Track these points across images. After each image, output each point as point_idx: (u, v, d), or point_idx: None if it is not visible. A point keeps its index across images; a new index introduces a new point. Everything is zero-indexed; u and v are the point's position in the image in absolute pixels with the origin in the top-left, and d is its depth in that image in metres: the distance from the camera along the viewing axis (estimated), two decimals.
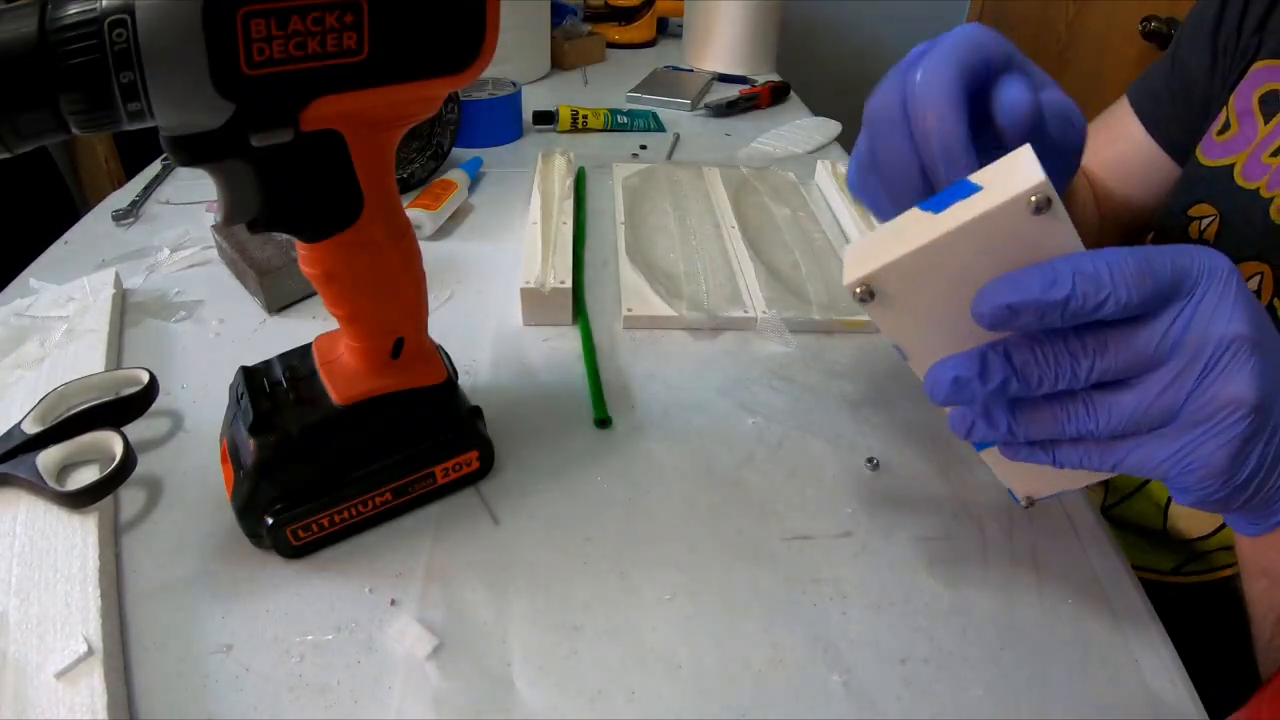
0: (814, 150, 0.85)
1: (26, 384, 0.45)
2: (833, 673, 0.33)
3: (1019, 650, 0.34)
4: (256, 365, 0.38)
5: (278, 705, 0.31)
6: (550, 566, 0.37)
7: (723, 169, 0.75)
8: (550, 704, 0.31)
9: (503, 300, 0.56)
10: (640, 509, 0.40)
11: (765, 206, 0.68)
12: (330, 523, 0.36)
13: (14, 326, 0.50)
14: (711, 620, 0.34)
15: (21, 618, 0.31)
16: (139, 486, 0.40)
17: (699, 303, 0.54)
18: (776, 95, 1.01)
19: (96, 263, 0.60)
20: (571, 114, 0.87)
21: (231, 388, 0.38)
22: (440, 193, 0.67)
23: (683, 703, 0.31)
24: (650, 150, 0.84)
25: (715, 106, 0.96)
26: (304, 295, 0.56)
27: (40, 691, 0.29)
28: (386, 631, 0.33)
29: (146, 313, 0.54)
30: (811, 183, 0.76)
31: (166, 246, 0.61)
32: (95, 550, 0.34)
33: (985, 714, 0.31)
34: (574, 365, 0.50)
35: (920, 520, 0.40)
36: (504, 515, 0.39)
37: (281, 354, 0.39)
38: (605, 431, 0.45)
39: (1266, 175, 0.43)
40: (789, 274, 0.58)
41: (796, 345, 0.52)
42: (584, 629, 0.34)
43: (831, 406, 0.47)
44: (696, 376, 0.49)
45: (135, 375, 0.43)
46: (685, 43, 1.18)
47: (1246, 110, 0.46)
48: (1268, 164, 0.44)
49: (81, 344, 0.48)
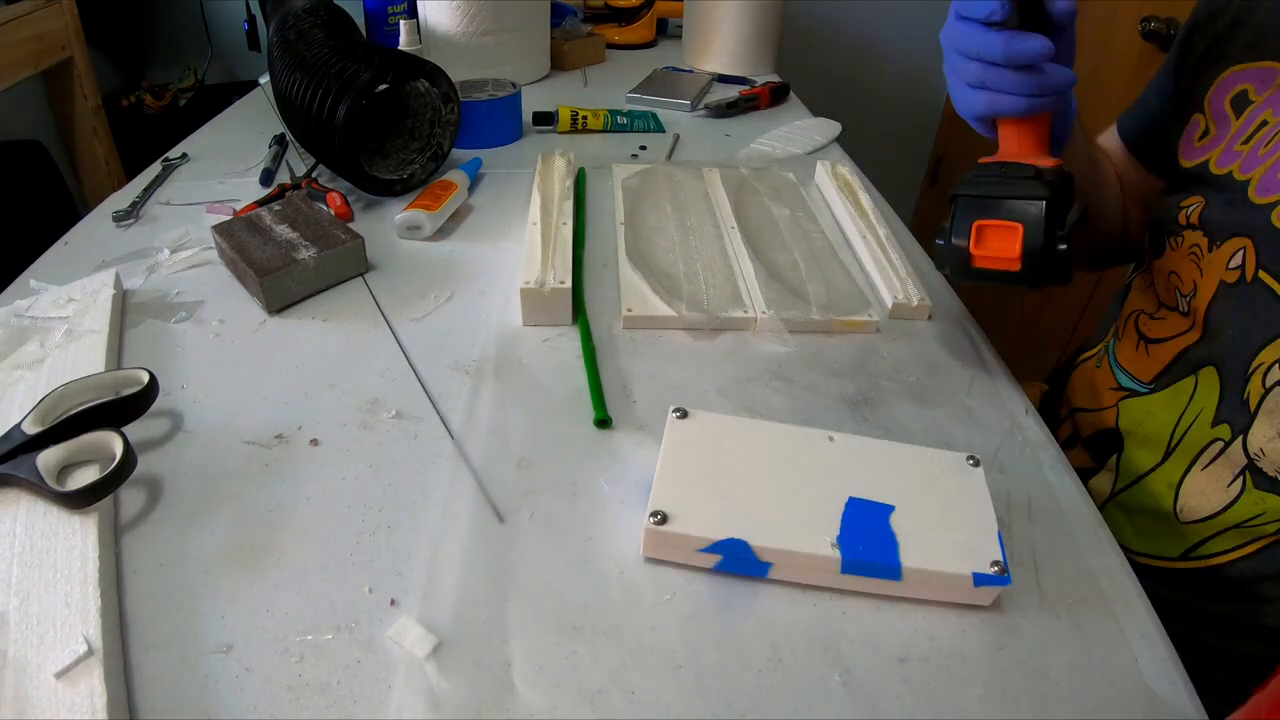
0: (814, 151, 0.85)
1: (26, 384, 0.45)
2: (833, 673, 0.33)
3: (1019, 650, 0.34)
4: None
5: (278, 705, 0.31)
6: (550, 566, 0.37)
7: (722, 170, 0.75)
8: (550, 704, 0.31)
9: (503, 300, 0.56)
10: (640, 508, 0.40)
11: (765, 207, 0.68)
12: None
13: (14, 327, 0.50)
14: (711, 620, 0.35)
15: (21, 618, 0.31)
16: (139, 486, 0.40)
17: (699, 303, 0.54)
18: (776, 96, 1.01)
19: (96, 263, 0.60)
20: (571, 115, 0.88)
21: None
22: (440, 193, 0.67)
23: (683, 703, 0.31)
24: (650, 151, 0.84)
25: (715, 107, 0.96)
26: (304, 295, 0.56)
27: (40, 691, 0.29)
28: (386, 631, 0.33)
29: (146, 313, 0.54)
30: (811, 183, 0.76)
31: (166, 247, 0.61)
32: (95, 550, 0.34)
33: (985, 714, 0.31)
34: (574, 365, 0.50)
35: None
36: (504, 515, 0.39)
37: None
38: (605, 432, 0.45)
39: (1239, 160, 0.47)
40: (788, 274, 0.58)
41: (796, 345, 0.52)
42: (584, 629, 0.34)
43: (831, 406, 0.47)
44: (696, 376, 0.49)
45: (135, 375, 0.43)
46: (685, 43, 1.18)
47: (1220, 113, 0.49)
48: (1239, 150, 0.47)
49: (81, 344, 0.48)
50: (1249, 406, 0.44)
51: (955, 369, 0.52)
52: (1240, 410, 0.45)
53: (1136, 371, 0.54)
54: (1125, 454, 0.54)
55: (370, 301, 0.56)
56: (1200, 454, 0.48)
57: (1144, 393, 0.53)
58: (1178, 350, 0.50)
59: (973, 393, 0.49)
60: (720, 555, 0.36)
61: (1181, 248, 0.50)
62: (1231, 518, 0.46)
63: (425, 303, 0.56)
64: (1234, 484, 0.46)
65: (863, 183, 0.73)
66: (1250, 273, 0.44)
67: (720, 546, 0.35)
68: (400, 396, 0.47)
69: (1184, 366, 0.49)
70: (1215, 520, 0.47)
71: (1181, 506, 0.48)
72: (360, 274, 0.59)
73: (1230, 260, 0.46)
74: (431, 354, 0.51)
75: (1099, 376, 0.59)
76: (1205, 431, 0.47)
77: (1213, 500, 0.47)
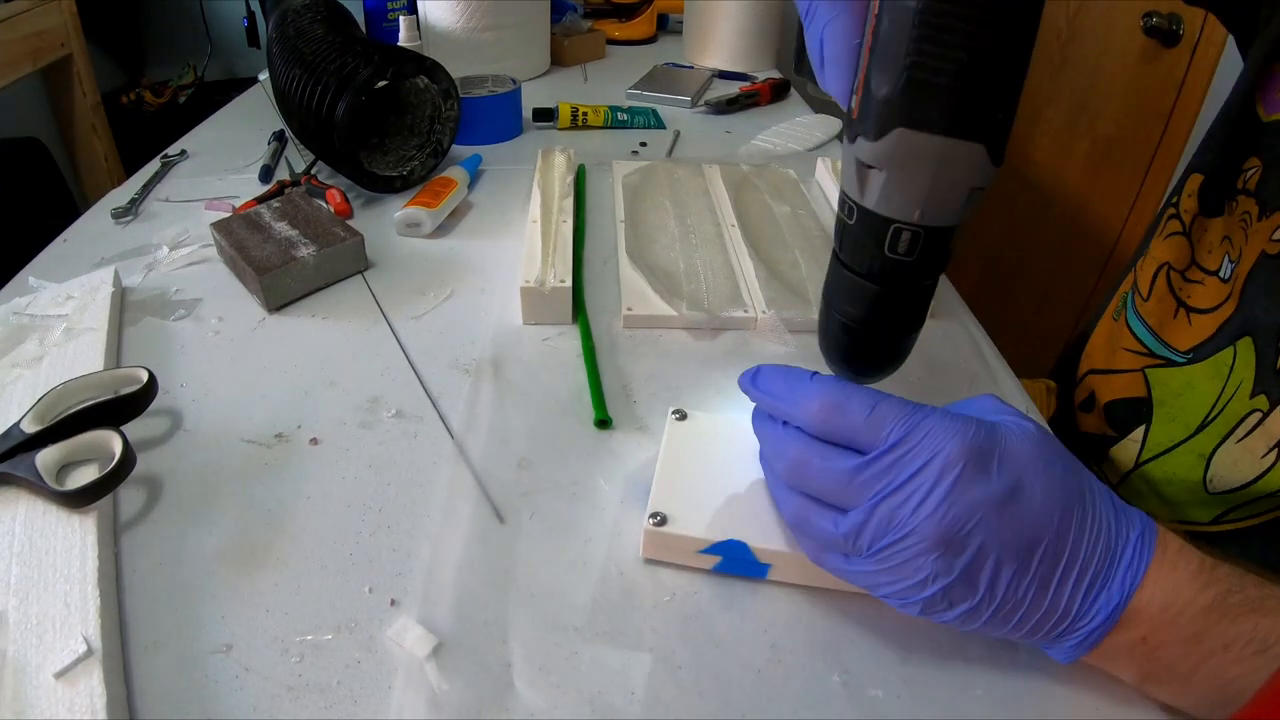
0: (814, 148, 0.85)
1: (25, 383, 0.45)
2: (833, 673, 0.33)
3: (1019, 650, 0.34)
4: None
5: (278, 705, 0.30)
6: (550, 566, 0.37)
7: (723, 166, 0.75)
8: (550, 704, 0.31)
9: (502, 299, 0.56)
10: (640, 509, 0.40)
11: (765, 204, 0.68)
12: None
13: (13, 325, 0.50)
14: (711, 620, 0.34)
15: (21, 618, 0.31)
16: (139, 486, 0.40)
17: (699, 302, 0.54)
18: (777, 92, 1.01)
19: (95, 261, 0.60)
20: (571, 111, 0.87)
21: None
22: (440, 190, 0.67)
23: (683, 703, 0.31)
24: (650, 147, 0.84)
25: (715, 103, 0.96)
26: (303, 293, 0.56)
27: (40, 691, 0.29)
28: (386, 631, 0.33)
29: (145, 311, 0.54)
30: (812, 180, 0.76)
31: (165, 244, 0.61)
32: (95, 550, 0.34)
33: (985, 714, 0.31)
34: (574, 365, 0.50)
35: None
36: (504, 515, 0.39)
37: None
38: (605, 432, 0.45)
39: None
40: (789, 273, 0.58)
41: (796, 345, 0.52)
42: (584, 629, 0.34)
43: None
44: (697, 376, 0.49)
45: (134, 374, 0.43)
46: (685, 39, 1.17)
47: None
48: None
49: (80, 342, 0.48)
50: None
51: (956, 368, 0.51)
52: (1275, 381, 0.44)
53: (1172, 339, 0.52)
54: (1154, 426, 0.52)
55: (370, 299, 0.56)
56: (1237, 426, 0.46)
57: (1181, 363, 0.51)
58: (1220, 321, 0.48)
59: (973, 392, 0.49)
60: (720, 556, 0.36)
61: (1236, 212, 0.48)
62: (1263, 487, 0.45)
63: (425, 301, 0.56)
64: (1268, 455, 0.44)
65: None
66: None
67: (720, 548, 0.35)
68: (400, 395, 0.47)
69: (1224, 337, 0.48)
70: (1245, 490, 0.46)
71: (1211, 477, 0.47)
72: (360, 271, 0.59)
73: (1274, 232, 0.44)
74: (431, 352, 0.51)
75: (1115, 332, 0.57)
76: (1244, 403, 0.46)
77: (1244, 471, 0.46)
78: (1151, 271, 0.55)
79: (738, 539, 0.35)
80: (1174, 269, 0.53)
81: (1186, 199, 0.54)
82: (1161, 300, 0.53)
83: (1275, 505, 0.45)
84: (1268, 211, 0.45)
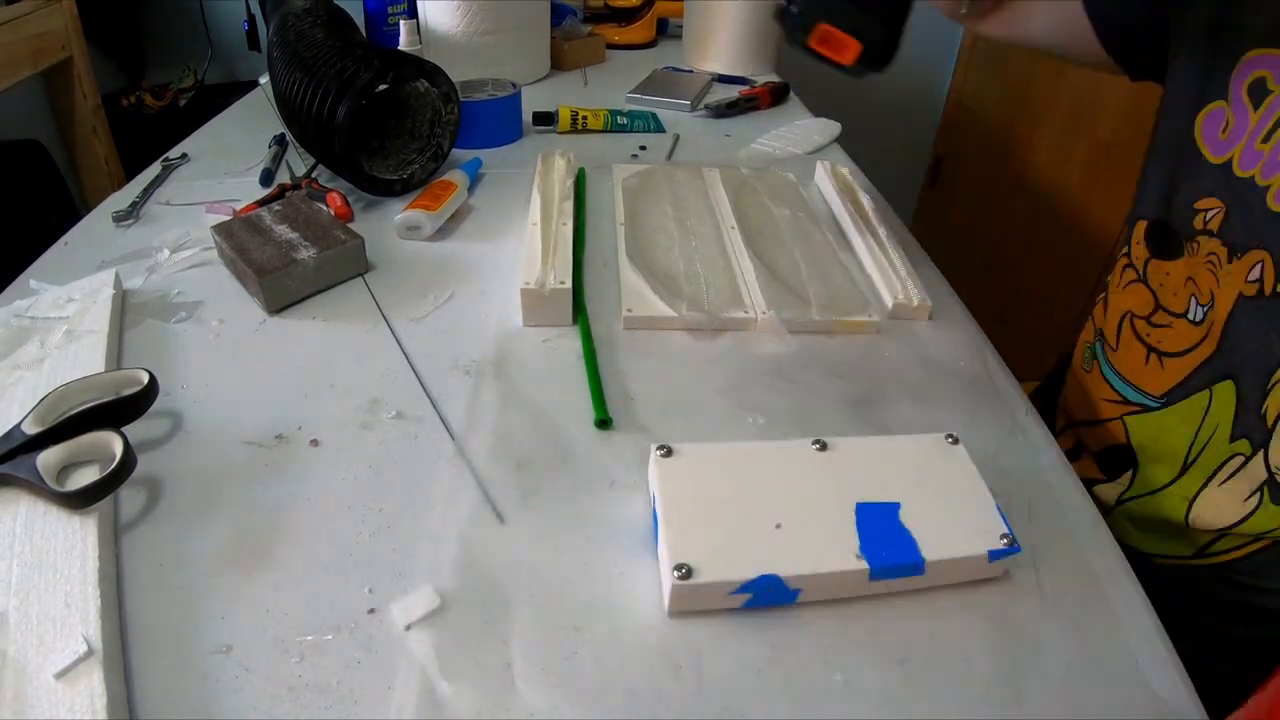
0: (814, 151, 0.85)
1: (26, 384, 0.45)
2: (833, 673, 0.33)
3: (1019, 650, 0.34)
4: None
5: (278, 705, 0.30)
6: (550, 566, 0.37)
7: (722, 170, 0.75)
8: (550, 704, 0.31)
9: (503, 301, 0.56)
10: (640, 509, 0.40)
11: (765, 206, 0.68)
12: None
13: (14, 327, 0.50)
14: (712, 620, 0.34)
15: (21, 618, 0.31)
16: (139, 486, 0.40)
17: (699, 303, 0.54)
18: (776, 96, 1.01)
19: (96, 263, 0.60)
20: (571, 115, 0.87)
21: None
22: (440, 193, 0.67)
23: (683, 703, 0.31)
24: (650, 151, 0.84)
25: (715, 107, 0.96)
26: (304, 295, 0.56)
27: (40, 692, 0.29)
28: (386, 631, 0.33)
29: (146, 313, 0.54)
30: (811, 183, 0.76)
31: (166, 247, 0.61)
32: (95, 550, 0.34)
33: (985, 714, 0.31)
34: (574, 366, 0.50)
35: None
36: (504, 515, 0.39)
37: None
38: (605, 432, 0.45)
39: (1260, 162, 0.44)
40: (789, 274, 0.58)
41: (797, 345, 0.52)
42: (584, 629, 0.34)
43: (831, 407, 0.47)
44: (697, 377, 0.49)
45: (135, 375, 0.43)
46: (685, 43, 1.18)
47: (1239, 100, 0.46)
48: (1260, 150, 0.44)
49: (81, 344, 0.48)
50: (1267, 421, 0.44)
51: (955, 369, 0.52)
52: (1259, 425, 0.44)
53: (1146, 385, 0.52)
54: (1140, 470, 0.53)
55: (370, 302, 0.56)
56: (1218, 470, 0.47)
57: (1155, 408, 0.51)
58: (1195, 364, 0.48)
59: (973, 392, 0.49)
60: (750, 594, 0.34)
61: (1199, 254, 0.48)
62: (1246, 530, 0.46)
63: (425, 303, 0.56)
64: (1251, 498, 0.45)
65: (862, 183, 0.74)
66: (1270, 286, 0.43)
67: (751, 585, 0.34)
68: (400, 397, 0.47)
69: (1200, 380, 0.48)
70: (1229, 532, 0.47)
71: (1195, 518, 0.48)
72: (360, 274, 0.59)
73: (1249, 273, 0.44)
74: (431, 354, 0.51)
75: (1091, 385, 0.57)
76: (1224, 447, 0.46)
77: (1227, 514, 0.46)
78: (1116, 321, 0.55)
79: (769, 572, 0.33)
80: (1137, 316, 0.53)
81: (1135, 246, 0.54)
82: (1129, 348, 0.54)
83: (1255, 538, 0.46)
84: (1238, 253, 0.45)
